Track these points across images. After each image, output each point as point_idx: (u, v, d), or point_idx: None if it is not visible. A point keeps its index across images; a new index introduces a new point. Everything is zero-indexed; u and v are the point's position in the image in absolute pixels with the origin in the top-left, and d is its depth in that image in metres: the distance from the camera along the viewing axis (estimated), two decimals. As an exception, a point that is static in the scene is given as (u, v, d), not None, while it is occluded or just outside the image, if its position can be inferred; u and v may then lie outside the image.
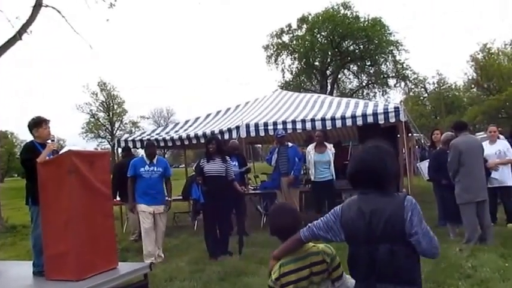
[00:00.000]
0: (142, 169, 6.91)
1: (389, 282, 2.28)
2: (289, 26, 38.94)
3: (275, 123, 9.52)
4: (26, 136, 5.78)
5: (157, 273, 5.88)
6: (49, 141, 5.25)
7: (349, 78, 42.13)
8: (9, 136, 62.07)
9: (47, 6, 13.14)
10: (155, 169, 6.94)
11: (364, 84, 40.98)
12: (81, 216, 4.72)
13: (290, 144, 9.08)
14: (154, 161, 7.02)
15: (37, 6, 12.94)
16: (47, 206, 4.80)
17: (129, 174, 7.03)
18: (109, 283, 4.67)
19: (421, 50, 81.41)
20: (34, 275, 5.08)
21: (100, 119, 58.63)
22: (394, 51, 36.99)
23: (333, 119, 9.22)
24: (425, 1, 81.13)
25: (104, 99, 57.64)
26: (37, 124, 5.29)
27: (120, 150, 10.92)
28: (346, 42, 37.98)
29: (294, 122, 9.47)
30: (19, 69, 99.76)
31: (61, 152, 5.13)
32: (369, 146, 2.51)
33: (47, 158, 5.00)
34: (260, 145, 26.71)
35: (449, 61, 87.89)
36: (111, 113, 58.32)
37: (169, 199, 7.30)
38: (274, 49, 39.21)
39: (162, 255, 7.10)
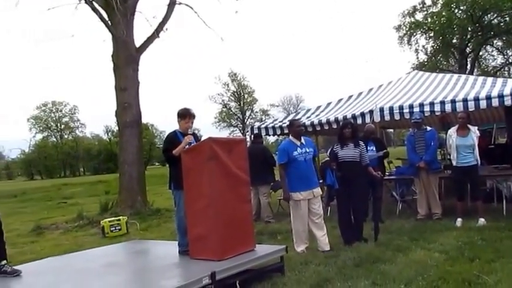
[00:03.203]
0: (295, 152, 6.36)
1: None
2: (423, 2, 36.62)
3: (411, 106, 8.97)
4: (165, 127, 6.20)
5: (293, 256, 5.96)
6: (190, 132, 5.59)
7: (493, 55, 38.55)
8: (149, 128, 66.95)
9: (180, 3, 14.01)
10: (307, 150, 6.47)
11: (510, 60, 37.36)
12: (221, 200, 4.96)
13: (428, 128, 8.49)
14: (303, 141, 6.64)
15: (171, 5, 13.83)
16: (190, 190, 5.12)
17: (281, 161, 6.44)
18: (248, 264, 4.86)
19: None
20: (179, 254, 5.45)
21: (232, 109, 61.07)
22: (546, 23, 33.10)
23: (476, 99, 8.41)
24: None
25: (235, 89, 59.92)
26: (181, 116, 5.65)
27: (252, 137, 11.10)
28: (489, 15, 34.74)
29: (431, 104, 8.82)
30: (155, 64, 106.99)
31: (202, 140, 5.45)
32: None
33: (186, 147, 5.31)
34: (392, 130, 25.77)
35: None
36: (242, 102, 60.45)
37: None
38: (407, 29, 37.22)
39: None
